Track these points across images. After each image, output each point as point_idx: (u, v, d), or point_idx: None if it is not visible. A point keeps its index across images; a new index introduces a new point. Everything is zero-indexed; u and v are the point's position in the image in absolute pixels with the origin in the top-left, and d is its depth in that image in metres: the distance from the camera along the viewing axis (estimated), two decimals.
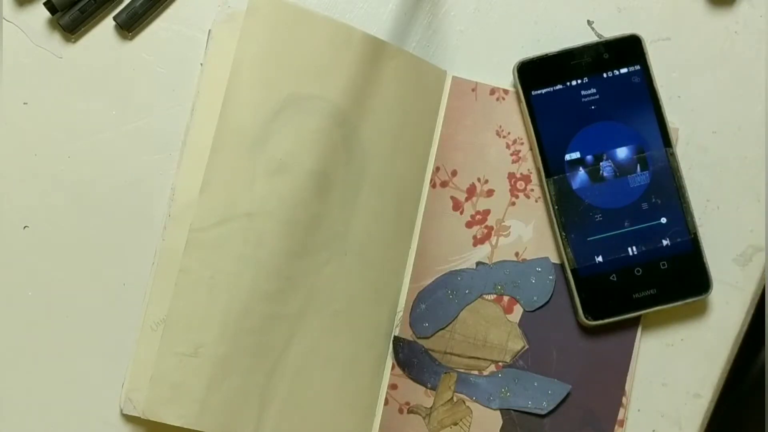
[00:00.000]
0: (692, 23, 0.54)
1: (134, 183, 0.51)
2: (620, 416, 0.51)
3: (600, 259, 0.51)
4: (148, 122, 0.51)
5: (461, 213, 0.53)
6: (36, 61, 0.51)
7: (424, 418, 0.51)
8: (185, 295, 0.47)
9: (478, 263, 0.52)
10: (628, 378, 0.51)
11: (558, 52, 0.52)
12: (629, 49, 0.52)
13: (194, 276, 0.47)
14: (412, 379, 0.52)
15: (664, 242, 0.51)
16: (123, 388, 0.48)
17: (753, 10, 0.54)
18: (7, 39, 0.51)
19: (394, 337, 0.52)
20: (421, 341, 0.52)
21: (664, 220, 0.51)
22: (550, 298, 0.52)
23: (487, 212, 0.53)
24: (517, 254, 0.52)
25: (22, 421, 0.49)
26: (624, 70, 0.52)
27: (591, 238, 0.51)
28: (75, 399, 0.49)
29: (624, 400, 0.51)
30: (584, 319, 0.50)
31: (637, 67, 0.52)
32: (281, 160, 0.49)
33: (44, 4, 0.50)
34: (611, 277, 0.51)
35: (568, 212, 0.51)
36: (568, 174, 0.51)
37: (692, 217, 0.51)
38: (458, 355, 0.52)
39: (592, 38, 0.54)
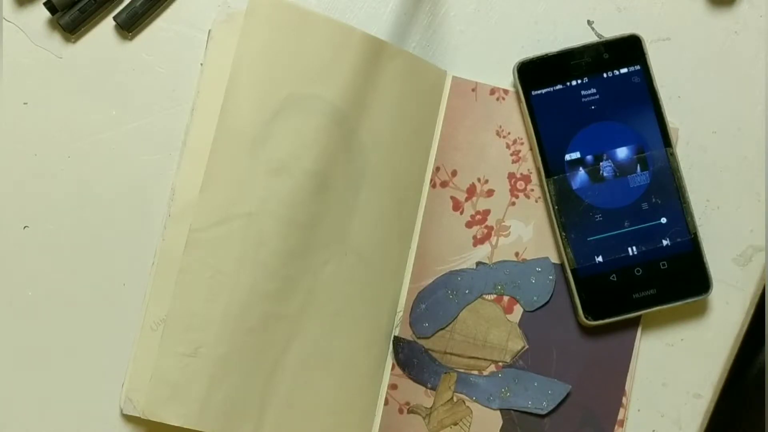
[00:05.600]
0: (692, 23, 0.54)
1: (134, 183, 0.51)
2: (620, 416, 0.51)
3: (600, 259, 0.51)
4: (148, 122, 0.51)
5: (461, 213, 0.53)
6: (36, 61, 0.51)
7: (424, 418, 0.51)
8: (185, 295, 0.47)
9: (478, 263, 0.52)
10: (628, 378, 0.51)
11: (558, 52, 0.52)
12: (629, 49, 0.52)
13: (194, 276, 0.47)
14: (412, 379, 0.52)
15: (664, 242, 0.51)
16: (123, 388, 0.48)
17: (753, 10, 0.54)
18: (7, 39, 0.51)
19: (394, 337, 0.52)
20: (421, 341, 0.52)
21: (664, 220, 0.51)
22: (550, 298, 0.52)
23: (487, 212, 0.53)
24: (517, 254, 0.52)
25: (22, 421, 0.49)
26: (624, 70, 0.52)
27: (591, 238, 0.51)
28: (75, 399, 0.49)
29: (624, 400, 0.51)
30: (584, 319, 0.50)
31: (637, 67, 0.52)
32: (281, 160, 0.49)
33: (44, 4, 0.50)
34: (611, 277, 0.51)
35: (568, 212, 0.51)
36: (568, 174, 0.51)
37: (692, 217, 0.51)
38: (458, 355, 0.52)
39: (592, 38, 0.54)
